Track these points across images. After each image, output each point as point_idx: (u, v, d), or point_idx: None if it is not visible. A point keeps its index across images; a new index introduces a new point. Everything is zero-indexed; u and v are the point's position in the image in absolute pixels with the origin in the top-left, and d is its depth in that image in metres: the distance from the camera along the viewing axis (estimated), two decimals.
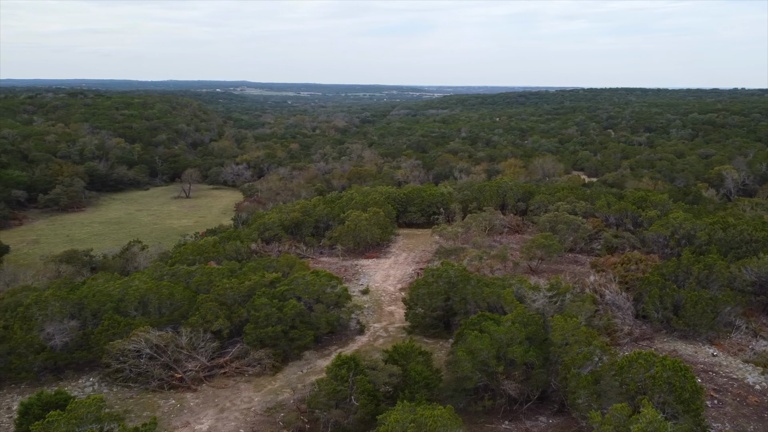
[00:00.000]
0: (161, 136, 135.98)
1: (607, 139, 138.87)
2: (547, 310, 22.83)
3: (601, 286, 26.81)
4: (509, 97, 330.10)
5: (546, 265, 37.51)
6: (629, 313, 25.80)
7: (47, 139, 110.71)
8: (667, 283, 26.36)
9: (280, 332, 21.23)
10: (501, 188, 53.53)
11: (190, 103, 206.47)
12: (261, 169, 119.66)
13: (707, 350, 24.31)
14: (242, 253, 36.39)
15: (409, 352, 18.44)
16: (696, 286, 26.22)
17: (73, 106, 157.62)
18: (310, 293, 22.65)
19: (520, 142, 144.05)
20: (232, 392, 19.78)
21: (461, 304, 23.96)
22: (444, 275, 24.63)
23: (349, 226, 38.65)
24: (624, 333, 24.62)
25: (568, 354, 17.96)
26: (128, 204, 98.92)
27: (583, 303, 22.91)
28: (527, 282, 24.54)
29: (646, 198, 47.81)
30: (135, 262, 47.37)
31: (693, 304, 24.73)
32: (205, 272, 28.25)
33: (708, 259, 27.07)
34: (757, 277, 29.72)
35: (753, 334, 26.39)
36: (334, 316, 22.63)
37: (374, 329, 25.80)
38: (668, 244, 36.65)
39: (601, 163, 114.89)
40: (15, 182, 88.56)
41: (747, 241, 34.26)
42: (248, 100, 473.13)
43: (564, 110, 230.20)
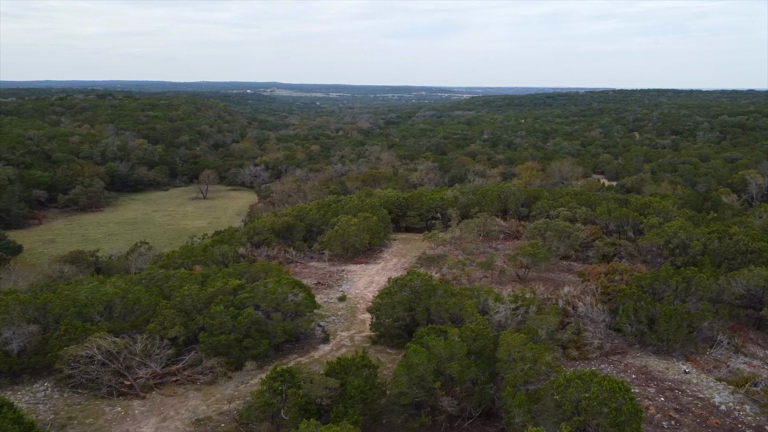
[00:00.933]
0: (183, 137, 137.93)
1: (630, 141, 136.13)
2: (509, 323, 22.31)
3: (574, 297, 26.07)
4: (537, 99, 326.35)
5: (536, 273, 36.76)
6: (602, 326, 25.04)
7: (71, 140, 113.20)
8: (643, 295, 25.51)
9: (233, 341, 21.13)
10: (503, 193, 52.75)
11: (215, 104, 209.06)
12: (279, 171, 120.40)
13: (680, 366, 23.42)
14: (229, 257, 36.48)
15: (349, 365, 18.14)
16: (674, 299, 25.30)
17: (100, 107, 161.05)
18: (269, 302, 22.50)
19: (541, 145, 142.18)
20: (180, 401, 19.74)
21: (423, 315, 23.54)
22: (408, 285, 24.24)
23: (338, 231, 38.47)
24: (593, 347, 23.90)
25: (512, 371, 17.46)
26: (146, 204, 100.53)
27: (546, 316, 22.29)
28: (494, 293, 24.00)
29: (648, 204, 46.56)
30: (139, 263, 48.02)
31: (667, 319, 23.88)
32: (179, 277, 28.38)
33: (687, 272, 26.11)
34: (746, 290, 28.62)
35: (734, 350, 25.39)
36: (291, 325, 22.43)
37: (341, 338, 25.55)
38: (662, 253, 35.59)
39: (622, 166, 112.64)
40: (37, 182, 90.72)
41: (742, 251, 33.03)
42: (277, 101, 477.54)
43: (591, 112, 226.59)
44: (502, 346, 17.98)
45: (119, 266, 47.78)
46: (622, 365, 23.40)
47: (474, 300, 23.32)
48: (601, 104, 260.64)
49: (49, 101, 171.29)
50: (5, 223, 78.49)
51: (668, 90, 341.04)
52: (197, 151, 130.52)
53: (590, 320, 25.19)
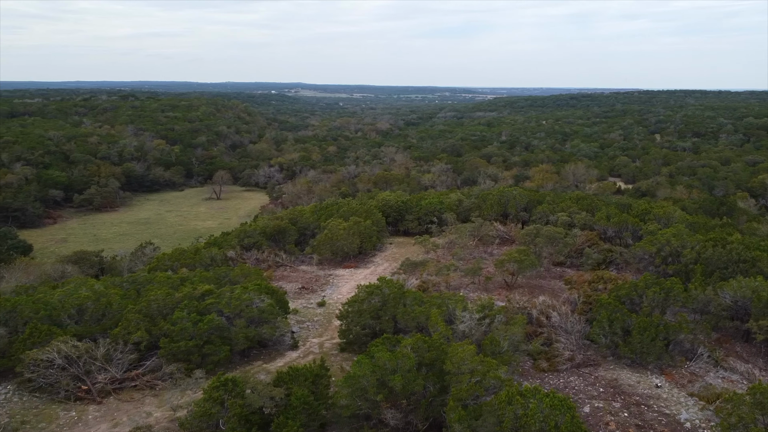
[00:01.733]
0: (201, 137, 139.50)
1: (650, 144, 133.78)
2: (473, 333, 21.94)
3: (548, 307, 25.54)
4: (560, 100, 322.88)
5: (525, 280, 36.19)
6: (576, 337, 24.48)
7: (90, 140, 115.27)
8: (620, 306, 24.88)
9: (193, 347, 21.13)
10: (504, 197, 52.13)
11: (236, 105, 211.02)
12: (294, 172, 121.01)
13: (653, 380, 22.76)
14: (217, 260, 36.65)
15: (297, 374, 17.98)
16: (651, 310, 24.62)
17: (121, 108, 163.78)
18: (232, 308, 22.45)
19: (559, 147, 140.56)
20: (135, 407, 19.79)
21: (389, 324, 23.28)
22: (375, 292, 24.00)
23: (327, 235, 38.38)
24: (564, 358, 23.37)
25: (459, 384, 17.13)
26: (161, 204, 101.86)
27: (511, 327, 21.86)
28: (462, 301, 23.61)
29: (649, 210, 45.57)
30: (139, 265, 48.54)
31: (640, 331, 23.25)
32: (159, 281, 28.55)
33: (667, 283, 25.40)
34: (733, 302, 27.77)
35: (714, 364, 24.62)
36: (253, 332, 22.34)
37: (311, 344, 25.41)
38: (653, 261, 34.76)
39: (640, 169, 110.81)
40: (54, 182, 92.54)
41: (735, 260, 32.08)
42: (300, 101, 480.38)
43: (614, 113, 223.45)
44: (449, 359, 17.65)
45: (121, 267, 48.35)
46: (592, 378, 22.83)
47: (441, 309, 22.99)
48: (625, 105, 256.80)
49: (72, 102, 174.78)
50: (20, 223, 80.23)
51: (696, 91, 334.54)
52: (213, 151, 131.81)
53: (564, 331, 24.64)
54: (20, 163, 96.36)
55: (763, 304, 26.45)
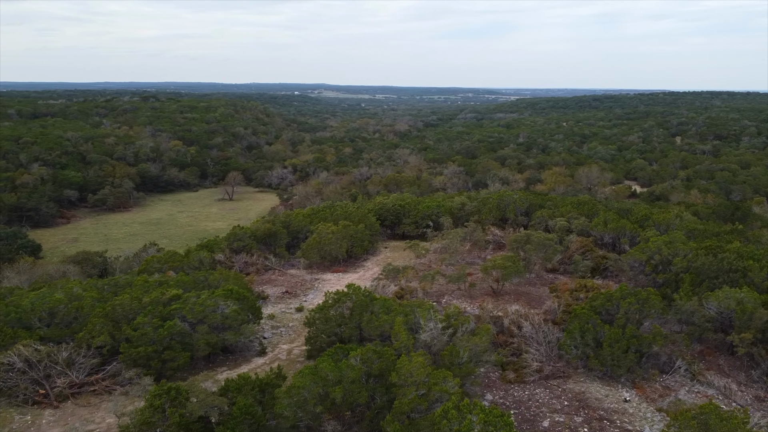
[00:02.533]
0: (217, 139, 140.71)
1: (669, 147, 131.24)
2: (435, 343, 21.59)
3: (520, 317, 25.04)
4: (583, 101, 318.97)
5: (514, 287, 35.62)
6: (546, 347, 23.95)
7: (107, 141, 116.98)
8: (593, 316, 24.27)
9: (152, 352, 21.14)
10: (503, 201, 51.48)
11: (255, 106, 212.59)
12: (307, 173, 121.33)
13: (622, 394, 22.16)
14: (205, 263, 36.77)
15: (243, 383, 17.84)
16: (625, 322, 23.96)
17: (141, 109, 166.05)
18: (195, 314, 22.43)
19: (576, 149, 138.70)
20: (90, 412, 19.86)
21: (353, 331, 23.04)
22: (342, 300, 23.78)
23: (315, 239, 38.27)
24: (532, 370, 22.88)
25: (403, 397, 16.83)
26: (174, 205, 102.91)
27: (475, 337, 21.45)
28: (428, 310, 23.23)
29: (649, 216, 44.56)
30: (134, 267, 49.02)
31: (611, 343, 22.65)
32: (136, 284, 28.71)
33: (642, 294, 24.71)
34: (717, 313, 26.95)
35: (691, 377, 23.90)
36: (215, 338, 22.29)
37: (279, 351, 25.30)
38: (644, 270, 33.94)
39: (656, 173, 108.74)
40: (69, 182, 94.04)
41: (726, 270, 31.14)
42: (322, 102, 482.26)
43: (636, 115, 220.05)
44: (396, 370, 17.35)
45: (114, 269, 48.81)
46: (560, 390, 22.31)
47: (408, 317, 22.67)
48: (648, 107, 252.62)
49: (94, 103, 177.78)
50: (34, 222, 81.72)
51: (723, 92, 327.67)
52: (229, 152, 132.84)
53: (534, 341, 24.13)
54: (38, 164, 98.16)
55: (746, 316, 25.63)
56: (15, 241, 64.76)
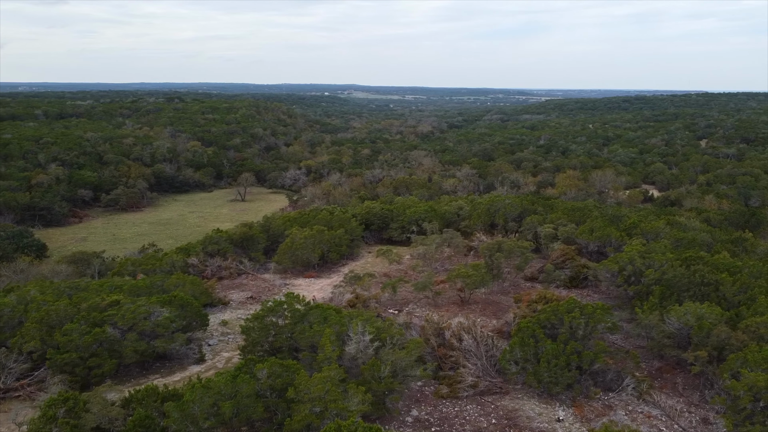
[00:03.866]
0: (236, 140, 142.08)
1: (692, 150, 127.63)
2: (359, 356, 21.08)
3: (462, 329, 24.32)
4: (612, 102, 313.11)
5: (485, 296, 34.91)
6: (482, 362, 23.19)
7: (125, 141, 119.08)
8: (537, 331, 23.43)
9: (77, 359, 21.13)
10: (494, 206, 50.53)
11: (277, 107, 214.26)
12: (321, 175, 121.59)
13: (557, 413, 21.31)
14: (177, 267, 36.88)
15: (147, 394, 17.64)
16: (568, 336, 23.05)
17: (164, 110, 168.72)
18: (126, 321, 22.36)
19: (596, 152, 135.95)
20: (7, 418, 19.91)
21: (285, 341, 22.68)
22: (277, 309, 23.43)
23: (287, 244, 38.06)
24: (467, 384, 22.18)
25: (298, 413, 16.41)
26: (186, 205, 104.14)
27: (401, 350, 20.88)
28: (360, 321, 22.70)
29: (637, 224, 43.13)
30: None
31: (548, 359, 21.82)
32: (93, 288, 28.90)
33: (588, 308, 23.76)
34: (676, 329, 25.82)
35: (638, 396, 22.89)
36: (143, 345, 22.17)
37: (219, 359, 25.08)
38: (615, 281, 32.80)
39: (675, 177, 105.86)
40: (84, 182, 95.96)
41: (698, 283, 29.86)
42: (350, 103, 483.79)
43: (665, 117, 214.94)
44: (294, 385, 16.94)
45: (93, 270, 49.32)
46: (492, 407, 21.57)
47: (341, 328, 22.20)
48: (679, 109, 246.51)
49: (119, 104, 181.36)
50: (46, 221, 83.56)
51: (760, 93, 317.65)
52: (245, 153, 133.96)
53: (474, 355, 23.41)
54: (55, 164, 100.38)
55: (704, 333, 24.49)
56: (21, 240, 66.17)
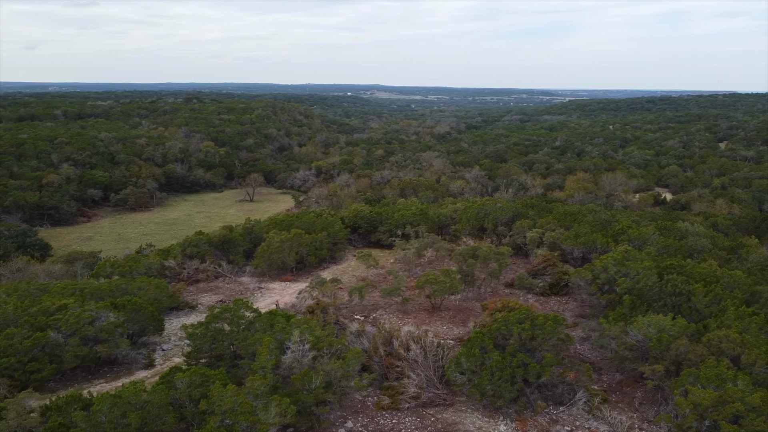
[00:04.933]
0: (249, 140, 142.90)
1: (709, 152, 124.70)
2: (294, 366, 20.74)
3: (411, 338, 23.82)
4: (635, 103, 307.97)
5: (458, 302, 34.34)
6: (431, 373, 22.66)
7: (138, 142, 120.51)
8: (487, 342, 22.84)
9: (15, 363, 21.16)
10: (484, 210, 49.76)
11: (294, 107, 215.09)
12: (331, 175, 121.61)
13: (499, 428, 20.71)
14: (153, 269, 36.97)
15: (68, 402, 17.53)
16: (516, 348, 22.41)
17: (181, 110, 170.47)
18: (69, 325, 22.35)
19: (611, 154, 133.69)
20: None
21: (226, 348, 22.46)
22: (223, 316, 23.21)
23: (264, 247, 37.92)
24: (408, 396, 21.70)
25: (207, 425, 16.13)
26: (195, 205, 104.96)
27: (338, 360, 20.50)
28: (300, 330, 22.35)
29: (625, 230, 42.05)
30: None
31: (491, 371, 21.23)
32: (54, 290, 29.05)
33: (540, 319, 23.07)
34: (637, 341, 24.98)
35: (588, 411, 22.16)
36: (84, 350, 22.14)
37: (169, 364, 24.86)
38: (588, 289, 31.93)
39: (690, 180, 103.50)
40: (94, 182, 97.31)
41: (670, 293, 28.90)
42: (372, 103, 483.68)
43: (687, 118, 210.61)
44: (207, 397, 16.67)
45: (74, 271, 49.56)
46: (432, 419, 21.06)
47: (269, 337, 21.84)
48: (703, 109, 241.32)
49: (137, 104, 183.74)
50: (54, 220, 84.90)
51: None
52: (257, 154, 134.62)
53: (421, 365, 22.90)
54: (68, 163, 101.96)
55: (663, 346, 23.66)
56: (24, 239, 67.24)
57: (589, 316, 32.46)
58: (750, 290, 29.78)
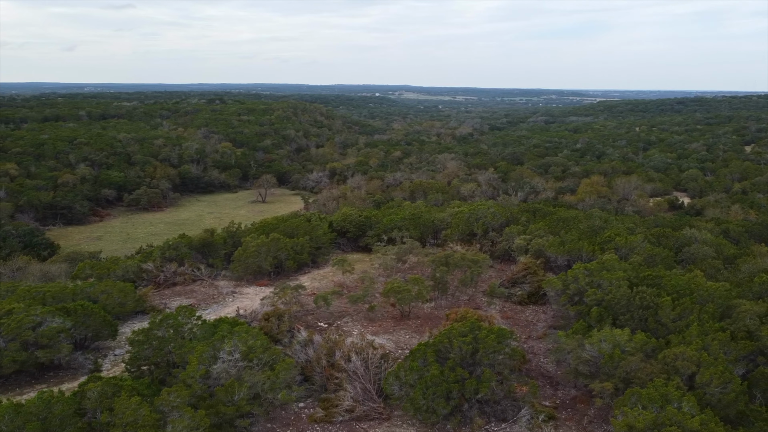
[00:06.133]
0: (266, 141, 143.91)
1: (733, 156, 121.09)
2: (222, 377, 20.46)
3: (352, 349, 23.34)
4: (665, 104, 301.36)
5: (430, 311, 33.70)
6: (370, 386, 22.17)
7: (155, 143, 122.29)
8: (430, 355, 22.24)
9: None
10: (474, 214, 48.93)
11: (316, 108, 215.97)
12: (345, 177, 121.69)
13: None
14: (130, 272, 37.23)
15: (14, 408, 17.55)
16: (455, 363, 21.75)
17: (202, 111, 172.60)
18: (10, 330, 22.49)
19: (632, 157, 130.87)
20: None
21: (163, 356, 22.31)
22: (164, 323, 23.08)
23: (240, 251, 37.87)
24: (342, 409, 21.25)
25: None
26: (208, 206, 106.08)
27: (267, 372, 20.17)
28: (229, 339, 22.06)
29: (612, 238, 40.80)
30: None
31: (425, 386, 20.64)
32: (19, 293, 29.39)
33: (482, 333, 22.36)
34: (593, 357, 24.09)
35: (530, 429, 21.39)
36: (24, 355, 22.25)
37: (117, 370, 24.93)
38: (558, 300, 31.00)
39: (709, 184, 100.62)
40: (109, 182, 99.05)
41: (638, 306, 27.85)
42: (399, 104, 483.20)
43: (717, 120, 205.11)
44: (110, 409, 16.50)
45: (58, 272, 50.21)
46: None
47: (202, 346, 21.60)
48: (734, 111, 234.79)
49: (160, 105, 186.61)
50: (67, 220, 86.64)
51: None
52: (273, 155, 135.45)
53: (359, 377, 22.44)
54: (85, 163, 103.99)
55: (614, 363, 22.76)
56: (30, 238, 68.66)
57: (561, 327, 31.56)
58: (725, 304, 28.53)
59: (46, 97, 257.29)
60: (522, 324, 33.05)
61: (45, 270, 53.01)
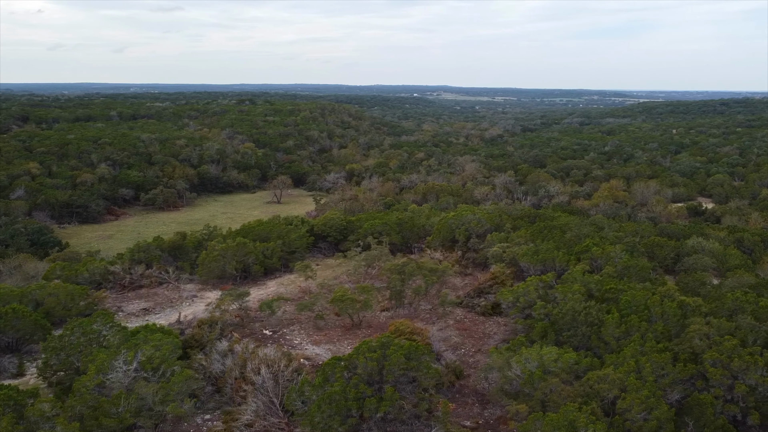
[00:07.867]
0: (289, 142, 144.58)
1: (766, 160, 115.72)
2: (116, 386, 20.16)
3: (263, 362, 22.73)
4: (707, 105, 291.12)
5: (385, 320, 32.93)
6: (273, 399, 21.55)
7: (177, 143, 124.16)
8: (336, 369, 21.47)
9: None
10: (458, 221, 47.79)
11: (344, 109, 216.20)
12: (362, 178, 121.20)
13: None
14: (96, 274, 37.54)
15: None
16: (360, 380, 20.92)
17: (229, 112, 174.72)
18: None
19: (660, 160, 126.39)
20: None
21: (70, 363, 22.17)
22: (76, 329, 22.95)
23: (203, 256, 37.76)
24: (241, 423, 20.69)
25: None
26: (223, 206, 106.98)
27: (163, 383, 19.77)
28: (129, 349, 21.75)
29: (588, 248, 39.11)
30: None
31: (320, 403, 19.90)
32: None
33: (390, 350, 21.45)
34: (517, 376, 22.93)
35: None
36: None
37: None
38: (509, 313, 29.79)
39: (736, 190, 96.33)
40: (127, 182, 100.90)
41: (582, 323, 26.46)
42: (435, 105, 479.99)
43: (759, 122, 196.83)
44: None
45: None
46: None
47: (125, 353, 21.39)
48: None
49: (189, 106, 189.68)
50: (82, 218, 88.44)
51: None
52: (294, 156, 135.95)
53: (269, 391, 21.84)
54: (105, 163, 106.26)
55: (533, 384, 21.62)
56: (39, 236, 70.34)
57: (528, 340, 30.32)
58: (680, 323, 26.83)
59: (89, 98, 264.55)
60: (477, 336, 31.93)
61: (27, 270, 53.82)
